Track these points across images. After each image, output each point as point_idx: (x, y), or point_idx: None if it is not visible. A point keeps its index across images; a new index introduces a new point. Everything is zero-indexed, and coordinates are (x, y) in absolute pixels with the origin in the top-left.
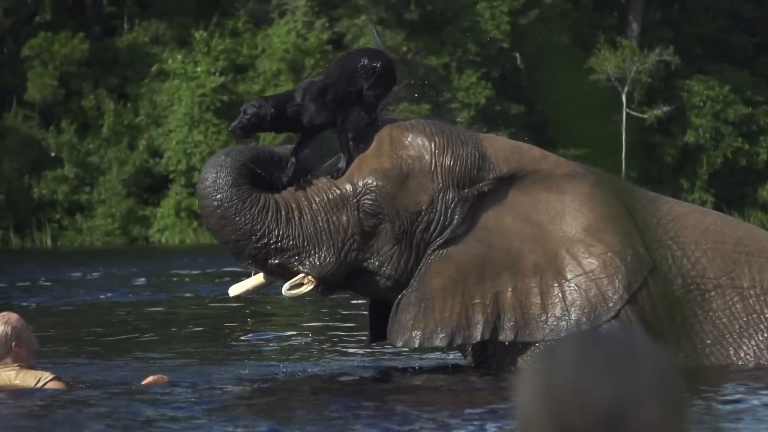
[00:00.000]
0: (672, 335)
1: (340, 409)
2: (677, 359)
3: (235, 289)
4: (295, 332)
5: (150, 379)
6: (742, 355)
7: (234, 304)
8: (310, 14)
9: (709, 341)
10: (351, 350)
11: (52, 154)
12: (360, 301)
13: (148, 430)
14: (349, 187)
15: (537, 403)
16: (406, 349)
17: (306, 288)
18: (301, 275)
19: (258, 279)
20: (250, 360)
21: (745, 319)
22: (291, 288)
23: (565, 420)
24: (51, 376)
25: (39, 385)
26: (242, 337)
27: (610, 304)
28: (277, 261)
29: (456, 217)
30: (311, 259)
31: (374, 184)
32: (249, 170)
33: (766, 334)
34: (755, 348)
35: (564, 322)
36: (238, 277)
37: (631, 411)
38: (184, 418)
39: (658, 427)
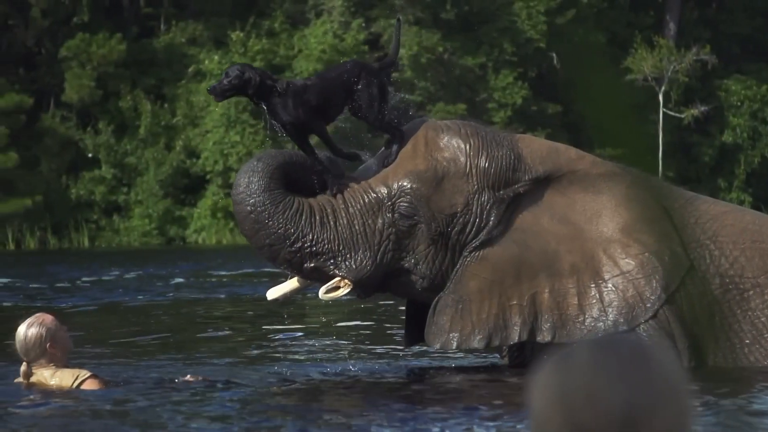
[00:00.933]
0: (710, 335)
1: (376, 410)
2: (716, 359)
3: (273, 293)
4: (331, 334)
5: (188, 377)
6: None
7: (271, 306)
8: (347, 14)
9: (747, 341)
10: (387, 352)
11: (90, 155)
12: (393, 303)
13: (184, 429)
14: (384, 189)
15: (551, 406)
16: (443, 351)
17: (343, 291)
18: (338, 278)
19: (295, 282)
20: (285, 360)
21: None
22: (328, 291)
23: (578, 423)
24: (88, 374)
25: (76, 383)
26: (278, 338)
27: (648, 305)
28: (312, 265)
29: (492, 218)
30: (347, 263)
31: (409, 186)
32: (282, 175)
33: None
34: None
35: (601, 323)
36: (275, 278)
37: (644, 415)
38: (218, 417)
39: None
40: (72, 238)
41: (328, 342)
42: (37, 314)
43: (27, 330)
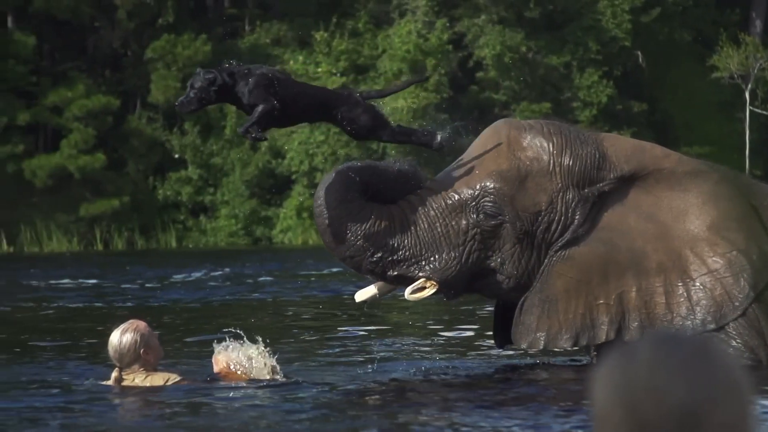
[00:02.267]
0: None
1: (459, 409)
2: None
3: (361, 295)
4: (416, 334)
5: (271, 375)
6: None
7: (358, 307)
8: (431, 14)
9: None
10: (472, 351)
11: (176, 156)
12: (479, 303)
13: (269, 428)
14: (467, 190)
15: (612, 401)
16: (530, 351)
17: (428, 291)
18: (423, 279)
19: (383, 284)
20: (371, 360)
21: None
22: (413, 292)
23: (640, 418)
24: (178, 378)
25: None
26: (364, 338)
27: (736, 303)
28: (395, 273)
29: (577, 217)
30: (432, 264)
31: (493, 186)
32: (360, 185)
33: None
34: None
35: (689, 322)
36: (362, 278)
37: (706, 410)
38: (304, 418)
39: (731, 427)
40: (159, 239)
41: (412, 342)
42: (131, 321)
43: (121, 336)
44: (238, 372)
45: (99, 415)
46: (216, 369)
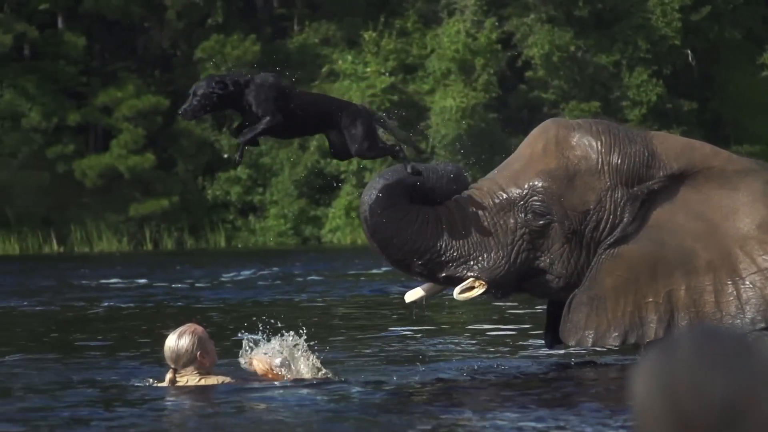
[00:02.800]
0: None
1: (510, 408)
2: None
3: (410, 296)
4: (466, 334)
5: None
6: None
7: (408, 307)
8: (480, 13)
9: None
10: (521, 350)
11: (225, 156)
12: (528, 303)
13: (316, 427)
14: (515, 190)
15: (654, 396)
16: (579, 349)
17: (477, 291)
18: (472, 278)
19: (431, 284)
20: (414, 360)
21: None
22: (462, 291)
23: (681, 412)
24: (231, 381)
25: None
26: (414, 337)
27: None
28: (445, 273)
29: (626, 215)
30: (480, 263)
31: (540, 185)
32: (404, 188)
33: None
34: None
35: (738, 320)
36: (412, 278)
37: (747, 404)
38: (352, 417)
39: None
40: (208, 239)
41: (461, 341)
42: (189, 324)
43: (179, 338)
44: (281, 372)
45: (150, 416)
46: (258, 369)
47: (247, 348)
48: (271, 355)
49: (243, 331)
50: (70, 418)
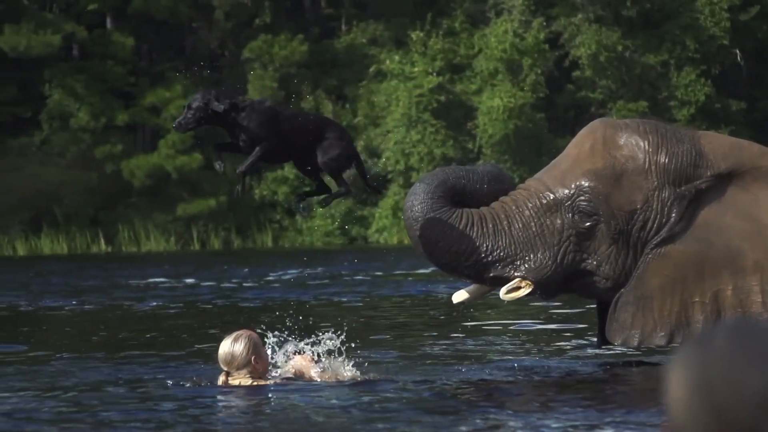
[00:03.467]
0: None
1: (554, 409)
2: None
3: (458, 296)
4: (512, 333)
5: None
6: None
7: (454, 307)
8: (527, 13)
9: None
10: (569, 352)
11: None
12: (575, 303)
13: (361, 426)
14: (562, 190)
15: (690, 391)
16: (627, 349)
17: (524, 291)
18: (518, 278)
19: (478, 285)
20: (461, 360)
21: None
22: (508, 291)
23: (718, 406)
24: (278, 382)
25: None
26: (459, 338)
27: None
28: (492, 274)
29: (673, 215)
30: (527, 264)
31: (587, 185)
32: (446, 191)
33: None
34: None
35: None
36: (459, 279)
37: None
38: (397, 418)
39: None
40: (255, 238)
41: (507, 341)
42: (243, 330)
43: (234, 342)
44: (325, 372)
45: (197, 414)
46: (302, 369)
47: (292, 347)
48: (315, 355)
49: (287, 331)
50: (117, 417)
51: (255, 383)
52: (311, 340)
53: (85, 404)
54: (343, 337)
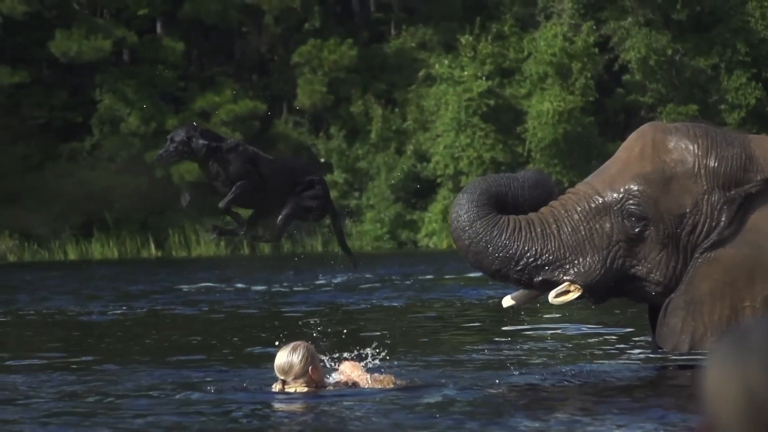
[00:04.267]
0: None
1: (603, 414)
2: None
3: (508, 300)
4: (563, 338)
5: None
6: None
7: (504, 311)
8: (577, 17)
9: None
10: (619, 356)
11: (322, 160)
12: (626, 306)
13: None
14: (611, 194)
15: (729, 387)
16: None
17: (572, 295)
18: (567, 282)
19: (528, 290)
20: (511, 364)
21: None
22: (557, 295)
23: (757, 400)
24: (331, 389)
25: None
26: (509, 342)
27: None
28: (541, 278)
29: (722, 219)
30: (576, 268)
31: (636, 189)
32: (490, 198)
33: None
34: None
35: None
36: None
37: None
38: (445, 422)
39: None
40: (305, 243)
41: (557, 345)
42: (300, 341)
43: (292, 352)
44: (373, 378)
45: (256, 420)
46: (350, 375)
47: (341, 352)
48: (362, 361)
49: (335, 336)
50: (168, 421)
51: (313, 391)
52: (359, 345)
53: (136, 409)
54: (390, 341)
